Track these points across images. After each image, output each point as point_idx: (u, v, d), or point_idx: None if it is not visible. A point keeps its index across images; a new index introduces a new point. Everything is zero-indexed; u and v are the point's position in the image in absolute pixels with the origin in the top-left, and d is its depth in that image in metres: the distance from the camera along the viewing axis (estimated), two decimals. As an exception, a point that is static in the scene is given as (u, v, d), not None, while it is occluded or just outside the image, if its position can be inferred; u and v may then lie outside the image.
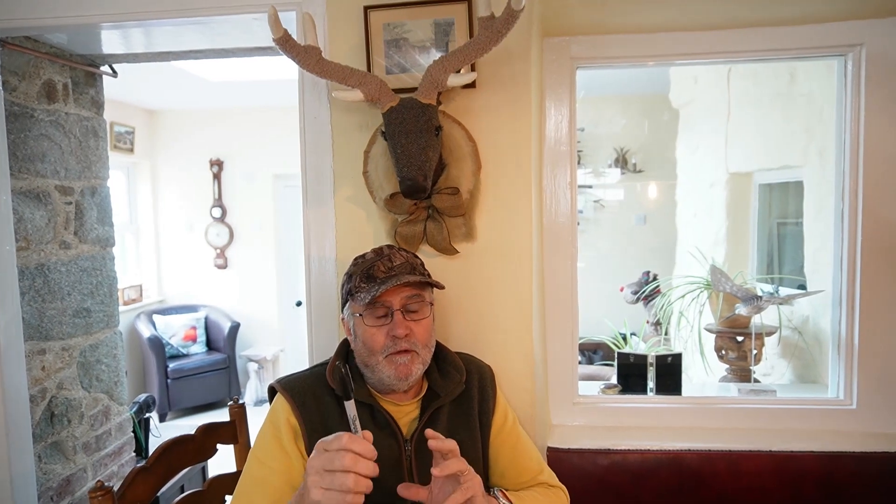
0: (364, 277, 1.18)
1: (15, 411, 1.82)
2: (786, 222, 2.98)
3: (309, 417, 1.17)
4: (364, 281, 1.18)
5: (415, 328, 1.18)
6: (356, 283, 1.19)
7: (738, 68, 2.98)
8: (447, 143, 1.45)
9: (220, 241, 5.61)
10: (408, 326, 1.16)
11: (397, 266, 1.19)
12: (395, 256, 1.21)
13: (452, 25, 1.46)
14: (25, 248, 1.97)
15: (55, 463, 2.08)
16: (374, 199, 1.52)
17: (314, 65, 1.34)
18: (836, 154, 1.67)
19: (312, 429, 1.16)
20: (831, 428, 1.66)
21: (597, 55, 1.66)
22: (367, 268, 1.19)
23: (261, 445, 1.19)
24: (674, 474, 1.59)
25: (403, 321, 1.16)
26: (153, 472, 1.28)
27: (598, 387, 1.87)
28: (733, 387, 1.93)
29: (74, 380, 2.18)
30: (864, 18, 1.56)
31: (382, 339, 1.16)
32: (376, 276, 1.17)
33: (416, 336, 1.17)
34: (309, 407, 1.18)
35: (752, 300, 2.05)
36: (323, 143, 1.55)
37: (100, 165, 2.34)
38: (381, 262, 1.20)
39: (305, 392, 1.20)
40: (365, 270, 1.19)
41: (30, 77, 2.00)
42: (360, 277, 1.19)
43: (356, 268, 1.22)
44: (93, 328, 2.27)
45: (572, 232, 1.69)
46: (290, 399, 1.19)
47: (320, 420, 1.18)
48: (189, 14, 1.60)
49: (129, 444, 2.51)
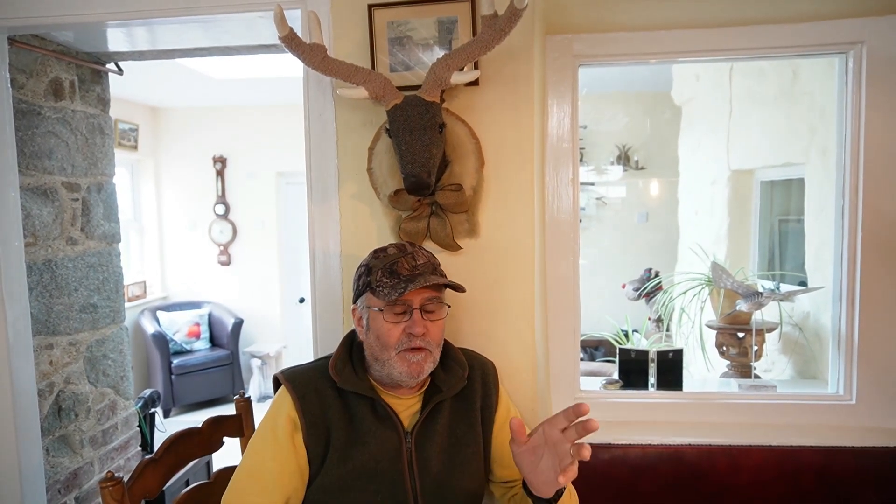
0: (387, 273, 1.17)
1: (24, 405, 1.85)
2: (787, 219, 2.98)
3: (309, 410, 1.19)
4: (387, 276, 1.17)
5: (430, 328, 1.19)
6: (377, 277, 1.18)
7: (740, 66, 2.98)
8: (451, 141, 1.46)
9: (223, 238, 5.64)
10: (425, 325, 1.18)
11: (421, 265, 1.19)
12: (419, 255, 1.21)
13: (456, 23, 1.48)
14: (33, 243, 1.99)
15: (63, 456, 2.10)
16: (378, 195, 1.54)
17: (319, 63, 1.35)
18: (838, 151, 1.68)
19: (312, 422, 1.18)
20: (831, 423, 1.67)
21: (599, 53, 1.67)
22: (389, 263, 1.19)
23: (258, 437, 1.21)
24: (674, 469, 1.61)
25: (422, 320, 1.18)
26: (162, 463, 1.30)
27: (600, 382, 1.88)
28: (734, 382, 1.94)
29: (81, 374, 2.20)
30: (865, 16, 1.57)
31: (398, 335, 1.17)
32: (400, 272, 1.17)
33: (430, 335, 1.19)
34: (310, 400, 1.19)
35: (753, 297, 2.07)
36: (327, 139, 1.57)
37: (106, 162, 2.36)
38: (405, 259, 1.19)
39: (307, 384, 1.21)
40: (388, 266, 1.18)
41: (37, 75, 2.02)
42: (383, 272, 1.18)
43: (377, 262, 1.20)
44: (99, 323, 2.29)
45: (574, 229, 1.71)
46: (291, 391, 1.20)
47: (321, 413, 1.19)
48: (195, 12, 1.62)
49: (135, 439, 2.53)
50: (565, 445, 0.98)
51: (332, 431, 1.18)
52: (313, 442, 1.17)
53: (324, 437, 1.18)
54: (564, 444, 0.98)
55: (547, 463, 1.02)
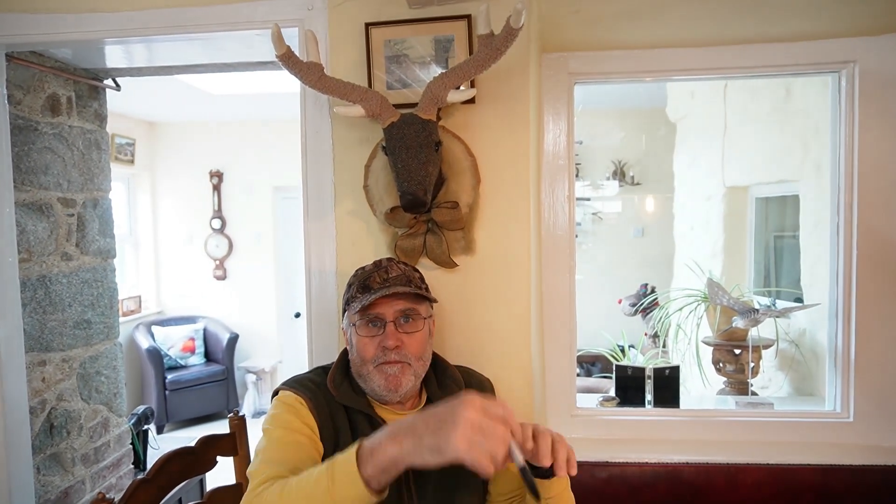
0: (360, 287, 1.21)
1: (15, 423, 1.83)
2: (782, 235, 3.00)
3: (319, 410, 1.16)
4: (360, 291, 1.20)
5: (407, 340, 1.18)
6: (353, 293, 1.22)
7: (734, 83, 3.01)
8: (447, 158, 1.47)
9: (219, 253, 5.62)
10: (399, 338, 1.17)
11: (393, 277, 1.21)
12: (392, 268, 1.23)
13: (452, 42, 1.49)
14: (27, 259, 1.98)
15: (54, 475, 2.08)
16: (375, 212, 1.54)
17: (316, 81, 1.36)
18: (832, 168, 1.70)
19: (323, 423, 1.15)
20: (828, 441, 1.66)
21: (594, 70, 1.69)
22: (364, 278, 1.22)
23: (280, 421, 1.13)
24: (672, 487, 1.60)
25: (395, 333, 1.17)
26: (154, 483, 1.29)
27: (597, 399, 1.87)
28: (731, 399, 1.94)
29: (74, 391, 2.18)
30: (857, 36, 1.59)
31: (373, 350, 1.17)
32: (371, 286, 1.19)
33: (407, 348, 1.18)
34: (319, 402, 1.18)
35: (749, 313, 2.07)
36: (324, 156, 1.57)
37: (102, 178, 2.36)
38: (378, 273, 1.22)
39: (314, 390, 1.20)
40: (362, 281, 1.21)
41: (34, 90, 2.02)
42: (357, 287, 1.21)
43: (355, 278, 1.25)
44: (93, 339, 2.27)
45: (570, 245, 1.71)
46: (301, 393, 1.17)
47: (329, 416, 1.17)
48: (192, 30, 1.63)
49: (128, 457, 2.51)
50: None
51: (340, 436, 1.16)
52: (325, 443, 1.14)
53: (333, 440, 1.16)
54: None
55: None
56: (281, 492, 0.93)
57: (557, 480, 1.11)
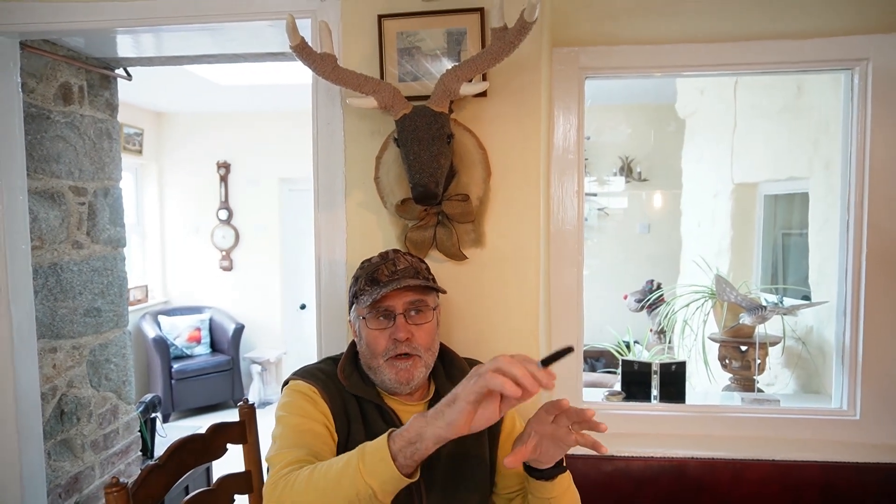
0: (368, 281, 1.21)
1: (26, 409, 1.85)
2: (790, 233, 2.99)
3: (333, 399, 1.17)
4: (368, 284, 1.20)
5: (416, 332, 1.19)
6: (361, 286, 1.22)
7: (744, 80, 2.99)
8: (458, 151, 1.47)
9: (225, 244, 5.64)
10: (409, 330, 1.18)
11: (401, 270, 1.21)
12: (400, 260, 1.23)
13: (465, 35, 1.49)
14: (39, 247, 2.00)
15: (64, 460, 2.10)
16: (385, 204, 1.54)
17: (329, 72, 1.37)
18: (842, 166, 1.69)
19: (336, 412, 1.16)
20: (834, 438, 1.67)
21: (605, 65, 1.69)
22: (371, 271, 1.22)
23: (296, 408, 1.14)
24: (677, 481, 1.60)
25: (405, 325, 1.18)
26: (166, 469, 1.30)
27: (603, 393, 1.88)
28: (737, 396, 1.94)
29: (84, 378, 2.21)
30: (870, 33, 1.59)
31: (384, 343, 1.18)
32: (380, 279, 1.19)
33: (417, 340, 1.19)
34: (331, 391, 1.19)
35: (756, 310, 2.07)
36: (335, 148, 1.58)
37: (112, 167, 2.37)
38: (386, 265, 1.22)
39: (326, 381, 1.21)
40: (370, 274, 1.21)
41: (47, 79, 2.03)
42: (365, 280, 1.21)
43: (362, 271, 1.24)
44: (103, 327, 2.29)
45: (579, 239, 1.71)
46: (314, 383, 1.18)
47: (341, 404, 1.18)
48: (203, 20, 1.63)
49: (136, 444, 2.53)
50: (560, 431, 1.02)
51: (352, 425, 1.17)
52: (338, 432, 1.15)
53: (345, 430, 1.17)
54: (559, 430, 1.02)
55: (547, 450, 1.06)
56: (311, 474, 0.96)
57: (561, 477, 1.12)
